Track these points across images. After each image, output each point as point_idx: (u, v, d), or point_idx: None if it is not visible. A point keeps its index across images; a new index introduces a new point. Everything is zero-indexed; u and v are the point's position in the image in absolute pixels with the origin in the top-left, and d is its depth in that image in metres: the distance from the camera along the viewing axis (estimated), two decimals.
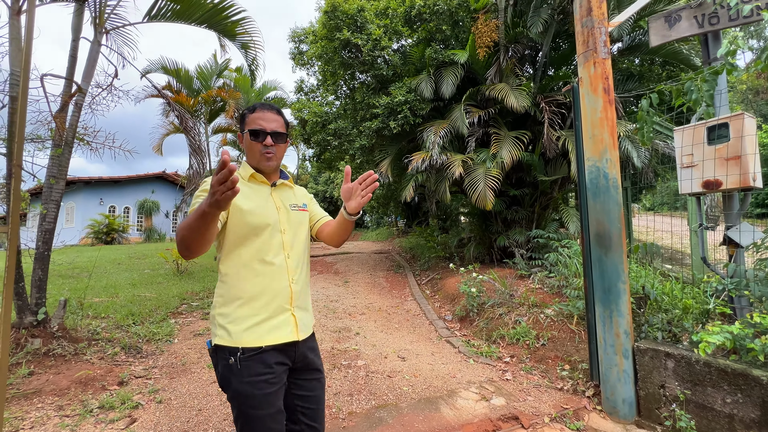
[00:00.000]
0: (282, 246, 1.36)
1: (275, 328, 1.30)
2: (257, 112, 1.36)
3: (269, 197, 1.40)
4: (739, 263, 2.41)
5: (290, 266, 1.36)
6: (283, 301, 1.33)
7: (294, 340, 1.33)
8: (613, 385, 2.55)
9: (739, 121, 2.32)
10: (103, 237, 18.79)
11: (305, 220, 1.49)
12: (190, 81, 9.19)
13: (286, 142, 1.43)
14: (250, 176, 1.39)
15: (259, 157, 1.36)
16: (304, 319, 1.40)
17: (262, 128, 1.34)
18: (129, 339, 3.79)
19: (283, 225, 1.38)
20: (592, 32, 2.70)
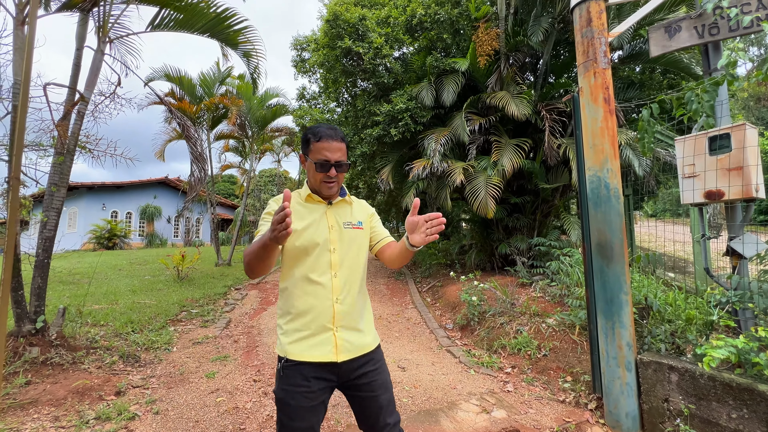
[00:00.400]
0: (330, 265, 1.37)
1: (315, 345, 1.32)
2: (323, 142, 1.36)
3: (323, 216, 1.42)
4: (743, 275, 2.38)
5: (336, 285, 1.36)
6: (325, 320, 1.34)
7: (332, 360, 1.31)
8: (616, 398, 2.51)
9: (741, 131, 2.30)
10: (104, 242, 18.84)
11: (360, 238, 1.47)
12: (193, 88, 9.26)
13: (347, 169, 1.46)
14: (307, 196, 1.43)
15: (320, 185, 1.40)
16: (351, 339, 1.36)
17: (327, 160, 1.36)
18: (128, 347, 3.77)
19: (333, 244, 1.39)
20: (592, 42, 2.71)
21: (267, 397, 2.89)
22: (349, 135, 7.50)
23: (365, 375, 1.38)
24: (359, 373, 1.37)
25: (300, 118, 8.87)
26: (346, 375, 1.36)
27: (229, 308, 5.94)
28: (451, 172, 5.75)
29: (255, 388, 3.04)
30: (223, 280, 8.03)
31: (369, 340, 1.42)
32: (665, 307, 3.11)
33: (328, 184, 1.38)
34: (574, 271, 4.46)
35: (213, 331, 4.68)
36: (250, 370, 3.44)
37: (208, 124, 9.81)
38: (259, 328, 4.90)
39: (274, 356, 3.81)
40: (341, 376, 1.36)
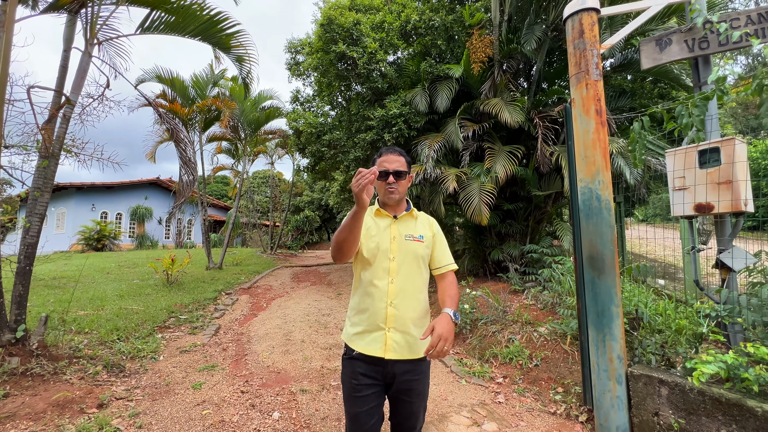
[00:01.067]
0: (388, 272, 1.56)
1: (369, 342, 1.53)
2: (383, 157, 1.63)
3: (388, 228, 1.63)
4: (732, 288, 2.39)
5: (391, 290, 1.55)
6: (379, 320, 1.53)
7: (380, 356, 1.50)
8: (607, 411, 2.49)
9: (731, 146, 2.32)
10: (93, 243, 18.52)
11: (420, 250, 1.61)
12: (185, 90, 9.16)
13: (407, 179, 1.66)
14: (376, 211, 1.66)
15: (384, 192, 1.61)
16: (400, 341, 1.52)
17: (386, 169, 1.59)
18: (112, 356, 3.68)
19: (393, 253, 1.58)
20: (584, 54, 2.71)
21: (255, 410, 2.83)
22: (343, 139, 7.47)
23: (408, 381, 1.54)
24: (403, 379, 1.53)
25: (294, 121, 8.81)
26: (391, 375, 1.52)
27: (219, 314, 5.85)
28: (444, 179, 5.74)
29: (242, 400, 2.98)
30: (213, 285, 7.92)
31: (418, 348, 1.54)
32: (655, 318, 3.12)
33: (389, 189, 1.60)
34: (565, 279, 4.46)
35: (201, 338, 4.60)
36: (238, 380, 3.37)
37: (200, 126, 9.71)
38: (248, 335, 4.83)
39: (262, 365, 3.75)
40: (386, 375, 1.53)
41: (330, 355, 4.06)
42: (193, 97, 9.46)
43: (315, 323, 5.36)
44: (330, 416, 2.75)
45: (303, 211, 25.76)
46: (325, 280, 9.60)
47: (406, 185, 1.66)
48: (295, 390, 3.17)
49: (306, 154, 8.71)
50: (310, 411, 2.82)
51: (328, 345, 4.38)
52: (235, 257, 13.41)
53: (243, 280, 8.85)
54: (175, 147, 4.19)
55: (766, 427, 1.91)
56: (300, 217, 22.87)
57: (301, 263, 13.37)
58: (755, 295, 2.17)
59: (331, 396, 3.08)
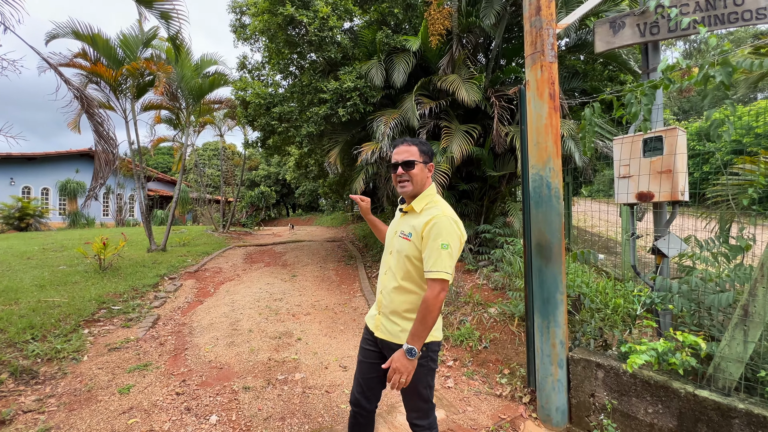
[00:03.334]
0: (385, 263, 1.75)
1: (371, 315, 1.82)
2: (394, 150, 1.69)
3: (396, 222, 1.77)
4: (665, 275, 2.49)
5: (382, 280, 1.75)
6: (378, 302, 1.77)
7: (372, 331, 1.75)
8: (548, 393, 2.58)
9: (674, 136, 2.33)
10: (15, 222, 16.45)
11: (405, 248, 1.61)
12: (111, 50, 7.97)
13: (420, 168, 1.63)
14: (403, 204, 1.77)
15: (395, 184, 1.68)
16: (386, 325, 1.67)
17: (395, 161, 1.64)
18: (23, 360, 3.24)
19: (391, 247, 1.73)
20: (540, 33, 2.58)
21: (190, 414, 2.62)
22: (295, 112, 6.97)
23: (389, 352, 1.65)
24: (388, 356, 1.62)
25: (241, 91, 8.07)
26: (382, 347, 1.70)
27: (159, 302, 5.41)
28: None
29: (177, 403, 2.74)
30: (155, 269, 7.32)
31: (401, 335, 1.60)
32: (594, 299, 3.25)
33: (400, 182, 1.65)
34: (516, 260, 4.57)
35: (136, 332, 4.21)
36: (174, 380, 3.11)
37: (132, 92, 8.62)
38: (191, 325, 4.50)
39: (203, 361, 3.50)
40: (377, 346, 1.73)
41: (279, 345, 3.88)
42: (122, 58, 8.31)
43: (265, 309, 5.12)
44: (273, 416, 2.61)
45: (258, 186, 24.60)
46: (280, 260, 9.26)
47: (421, 174, 1.63)
48: (238, 388, 2.98)
49: (255, 127, 8.08)
50: (252, 411, 2.65)
51: (277, 334, 4.19)
52: (183, 237, 12.53)
53: (189, 263, 8.28)
54: (88, 119, 3.57)
55: (687, 406, 2.03)
56: (255, 192, 21.81)
57: (256, 242, 12.82)
58: (686, 282, 2.26)
59: (276, 392, 2.93)
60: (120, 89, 8.49)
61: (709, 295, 2.18)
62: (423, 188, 1.65)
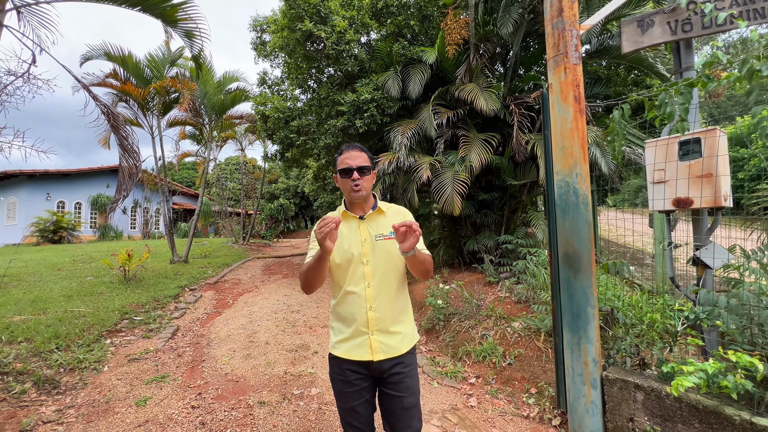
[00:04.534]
0: (363, 276, 1.53)
1: (354, 347, 1.53)
2: (344, 154, 1.58)
3: (357, 231, 1.57)
4: (709, 288, 2.29)
5: (369, 295, 1.52)
6: (361, 326, 1.52)
7: (368, 359, 1.51)
8: (581, 416, 2.38)
9: (713, 137, 2.17)
10: (49, 235, 17.26)
11: (393, 248, 1.53)
12: (140, 69, 8.37)
13: (372, 174, 1.60)
14: (342, 214, 1.60)
15: (350, 189, 1.55)
16: (386, 341, 1.52)
17: (349, 166, 1.54)
18: (47, 370, 3.29)
19: (366, 257, 1.54)
20: (563, 35, 2.49)
21: (204, 429, 2.56)
22: (312, 125, 7.05)
23: (396, 375, 1.53)
24: (390, 372, 1.53)
25: (261, 106, 8.27)
26: (379, 372, 1.53)
27: (179, 313, 5.46)
28: (418, 167, 5.50)
29: (192, 417, 2.69)
30: (176, 280, 7.45)
31: (403, 346, 1.55)
32: (627, 312, 3.04)
33: (354, 187, 1.53)
34: (540, 272, 4.37)
35: (156, 342, 4.24)
36: (190, 392, 3.07)
37: (158, 109, 8.98)
38: (209, 337, 4.50)
39: (220, 373, 3.46)
40: (374, 372, 1.53)
41: (295, 359, 3.80)
42: (150, 77, 8.69)
43: (282, 321, 5.08)
44: None
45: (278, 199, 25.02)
46: (298, 272, 9.27)
47: (371, 181, 1.61)
48: (253, 402, 2.91)
49: (274, 140, 8.23)
50: (266, 427, 2.57)
51: (294, 346, 4.12)
52: (204, 249, 12.80)
53: (209, 274, 8.40)
54: (114, 133, 3.69)
55: None
56: (274, 205, 22.18)
57: (275, 254, 12.94)
58: (734, 295, 2.06)
59: (292, 408, 2.84)
60: (147, 107, 8.85)
61: (762, 311, 1.98)
62: (370, 192, 1.63)
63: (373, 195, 1.66)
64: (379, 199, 1.68)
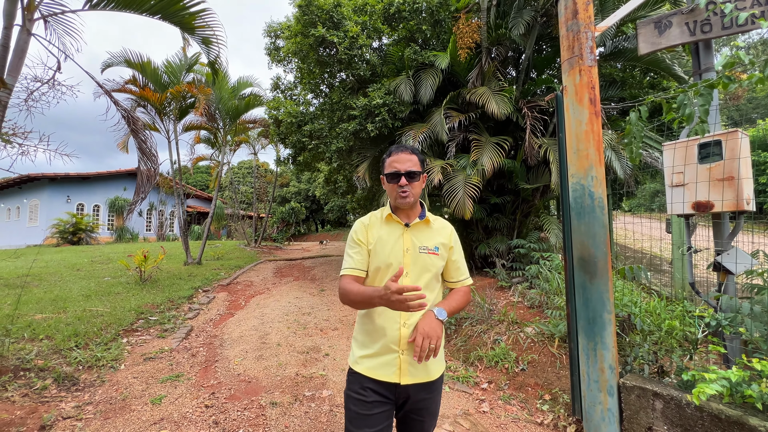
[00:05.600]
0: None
1: (381, 365, 1.38)
2: (393, 156, 1.47)
3: (400, 238, 1.45)
4: (731, 294, 2.22)
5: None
6: (391, 342, 1.38)
7: (394, 381, 1.36)
8: (597, 424, 2.33)
9: (735, 139, 2.12)
10: (69, 237, 17.76)
11: (435, 265, 1.45)
12: (158, 75, 8.61)
13: (422, 179, 1.50)
14: (387, 216, 1.49)
15: (396, 195, 1.45)
16: (417, 365, 1.36)
17: (397, 170, 1.43)
18: (66, 367, 3.37)
19: (406, 267, 1.41)
20: (578, 37, 2.47)
21: (218, 428, 2.58)
22: (324, 129, 7.12)
23: (421, 401, 1.41)
24: (416, 398, 1.40)
25: (274, 110, 8.40)
26: (405, 396, 1.39)
27: (193, 314, 5.55)
28: (429, 171, 5.49)
29: (206, 416, 2.72)
30: (190, 281, 7.57)
31: (434, 369, 1.42)
32: (645, 319, 2.97)
33: (402, 193, 1.43)
34: (553, 276, 4.31)
35: (170, 342, 4.31)
36: (203, 392, 3.11)
37: (175, 114, 9.19)
38: (222, 338, 4.55)
39: (233, 373, 3.50)
40: (399, 396, 1.39)
41: (307, 360, 3.82)
42: (167, 83, 8.92)
43: (294, 323, 5.11)
44: None
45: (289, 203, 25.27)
46: (309, 274, 9.33)
47: (421, 186, 1.50)
48: (265, 403, 2.93)
49: (287, 144, 8.33)
50: (278, 428, 2.59)
51: (305, 348, 4.14)
52: (217, 251, 12.99)
53: (222, 276, 8.51)
54: (133, 137, 3.80)
55: None
56: (286, 208, 22.40)
57: (286, 256, 13.05)
58: (758, 302, 2.00)
59: (303, 409, 2.85)
60: (164, 111, 9.07)
61: None
62: (418, 199, 1.51)
63: (421, 203, 1.53)
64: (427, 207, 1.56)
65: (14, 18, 3.36)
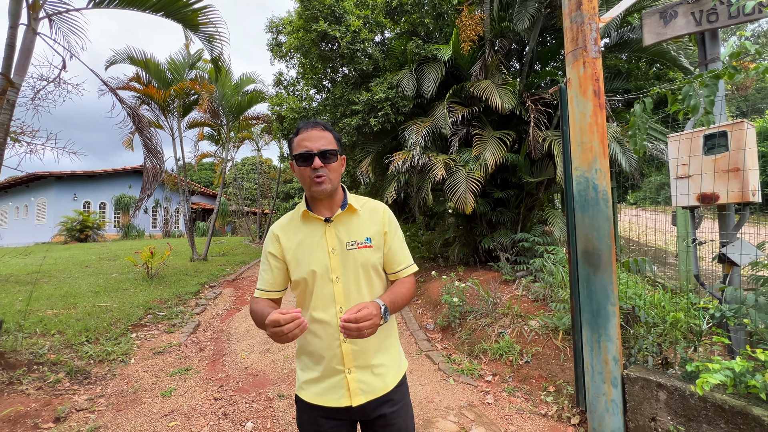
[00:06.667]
0: (333, 298, 1.17)
1: (327, 390, 1.18)
2: (301, 134, 1.18)
3: (322, 238, 1.20)
4: (736, 285, 2.22)
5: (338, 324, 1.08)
6: (334, 363, 1.17)
7: (345, 406, 1.17)
8: (601, 415, 2.35)
9: (741, 130, 2.11)
10: (76, 234, 17.98)
11: (369, 260, 1.19)
12: (161, 72, 8.63)
13: (340, 160, 1.23)
14: (303, 214, 1.23)
15: (310, 182, 1.17)
16: (367, 381, 1.19)
17: (308, 149, 1.14)
18: (78, 361, 3.45)
19: (335, 272, 1.17)
20: (582, 28, 2.45)
21: (227, 419, 2.64)
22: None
23: (383, 417, 1.21)
24: (376, 415, 1.21)
25: (277, 106, 8.40)
26: (362, 415, 1.21)
27: (200, 309, 5.62)
28: (433, 166, 5.49)
29: (215, 408, 2.78)
30: (196, 277, 7.66)
31: (389, 380, 1.23)
32: (650, 311, 2.97)
33: (316, 179, 1.15)
34: (557, 270, 4.31)
35: (178, 337, 4.38)
36: (212, 385, 3.17)
37: (178, 111, 9.23)
38: (229, 332, 4.61)
39: (240, 367, 3.55)
40: (355, 415, 1.20)
41: None
42: (170, 80, 8.95)
43: None
44: None
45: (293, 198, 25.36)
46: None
47: (339, 170, 1.22)
48: (273, 395, 2.98)
49: None
50: (286, 420, 2.64)
51: None
52: (222, 247, 13.10)
53: (228, 272, 8.60)
54: (138, 135, 3.84)
55: None
56: (289, 204, 22.49)
57: None
58: (763, 293, 2.00)
59: None
60: (168, 109, 9.11)
61: None
62: (338, 184, 1.23)
63: (343, 188, 1.27)
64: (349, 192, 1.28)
65: (19, 17, 3.39)
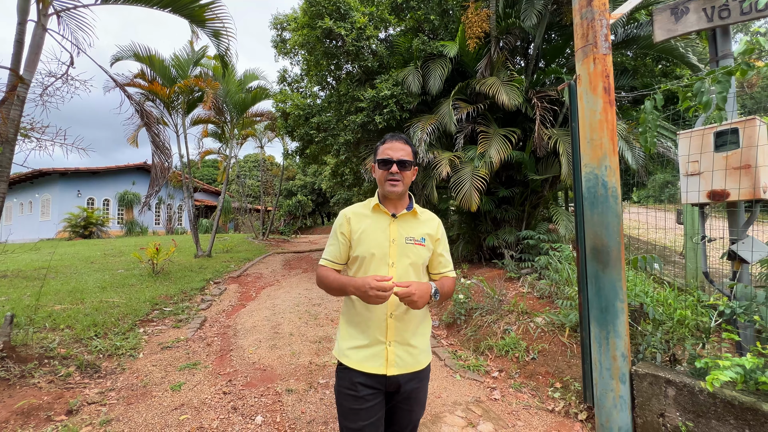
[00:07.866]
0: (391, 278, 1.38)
1: (368, 357, 1.38)
2: (387, 144, 1.47)
3: (386, 228, 1.46)
4: (746, 282, 2.22)
5: (392, 300, 1.34)
6: (378, 333, 1.40)
7: (381, 373, 1.37)
8: (609, 411, 2.36)
9: (752, 127, 2.10)
10: (80, 231, 18.09)
11: (420, 255, 1.45)
12: (165, 69, 8.64)
13: (413, 170, 1.50)
14: (374, 206, 1.48)
15: (385, 183, 1.45)
16: (403, 356, 1.40)
17: (389, 157, 1.43)
18: (88, 355, 3.48)
19: (392, 258, 1.42)
20: (592, 25, 2.45)
21: (236, 413, 2.67)
22: (332, 121, 7.13)
23: (410, 390, 1.43)
24: (405, 389, 1.42)
25: (281, 103, 8.41)
26: (393, 386, 1.41)
27: (206, 305, 5.66)
28: (438, 163, 5.49)
29: (224, 402, 2.81)
30: (201, 273, 7.70)
31: (421, 359, 1.46)
32: (657, 308, 2.98)
33: (391, 181, 1.43)
34: (563, 267, 4.31)
35: (185, 332, 4.41)
36: (220, 379, 3.20)
37: (183, 108, 9.25)
38: (235, 328, 4.65)
39: (248, 362, 3.58)
40: (388, 386, 1.40)
41: (319, 350, 3.89)
42: (175, 77, 8.96)
43: (305, 314, 5.19)
44: (316, 419, 2.59)
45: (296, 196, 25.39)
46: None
47: (411, 177, 1.49)
48: (281, 390, 3.00)
49: (294, 137, 8.36)
50: (295, 414, 2.66)
51: (317, 338, 4.22)
52: (226, 244, 13.15)
53: (232, 268, 8.64)
54: (147, 131, 3.86)
55: None
56: (292, 201, 22.53)
57: (294, 249, 13.17)
58: None
59: (318, 396, 2.92)
60: (172, 105, 9.13)
61: None
62: (407, 189, 1.51)
63: (410, 195, 1.54)
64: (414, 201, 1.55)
65: (28, 14, 3.40)
